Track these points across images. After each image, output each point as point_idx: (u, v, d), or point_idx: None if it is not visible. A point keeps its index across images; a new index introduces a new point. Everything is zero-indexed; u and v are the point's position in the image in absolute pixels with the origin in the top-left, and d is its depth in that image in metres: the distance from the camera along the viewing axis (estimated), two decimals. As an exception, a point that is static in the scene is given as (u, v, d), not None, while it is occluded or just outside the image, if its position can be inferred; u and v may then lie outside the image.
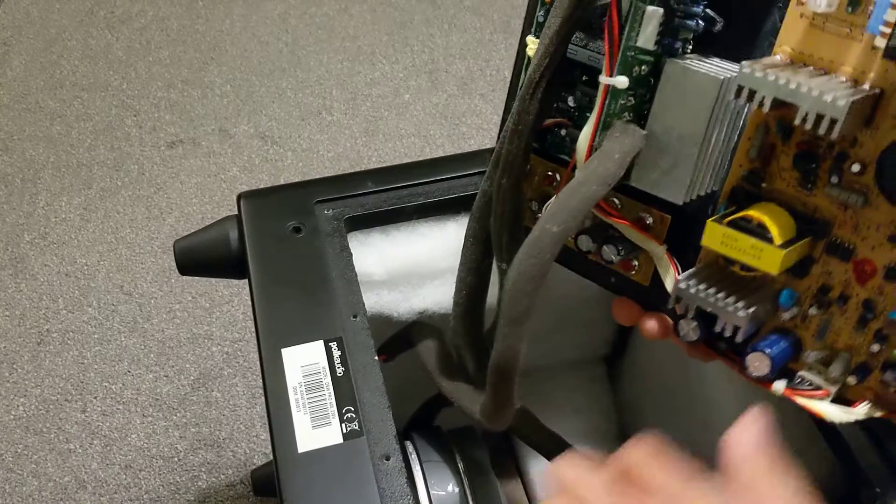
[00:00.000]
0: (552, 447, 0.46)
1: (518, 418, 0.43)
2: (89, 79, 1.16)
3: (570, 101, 0.37)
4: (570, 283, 0.44)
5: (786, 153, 0.32)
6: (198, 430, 0.80)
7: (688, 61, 0.32)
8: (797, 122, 0.28)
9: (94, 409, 0.81)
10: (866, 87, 0.29)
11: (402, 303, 0.49)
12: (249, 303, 0.46)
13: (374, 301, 0.49)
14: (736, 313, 0.31)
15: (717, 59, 0.33)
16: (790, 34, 0.30)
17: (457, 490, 0.43)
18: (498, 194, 0.36)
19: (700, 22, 0.32)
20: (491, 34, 1.25)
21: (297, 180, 0.74)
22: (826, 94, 0.27)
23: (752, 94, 0.28)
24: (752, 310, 0.31)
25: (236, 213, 0.50)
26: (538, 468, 0.55)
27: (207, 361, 0.85)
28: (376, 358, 0.43)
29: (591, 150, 0.33)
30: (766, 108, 0.28)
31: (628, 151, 0.32)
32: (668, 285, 0.36)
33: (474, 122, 1.12)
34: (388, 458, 0.39)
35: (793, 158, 0.31)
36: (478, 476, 0.44)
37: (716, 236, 0.32)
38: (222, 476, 0.77)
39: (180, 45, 1.22)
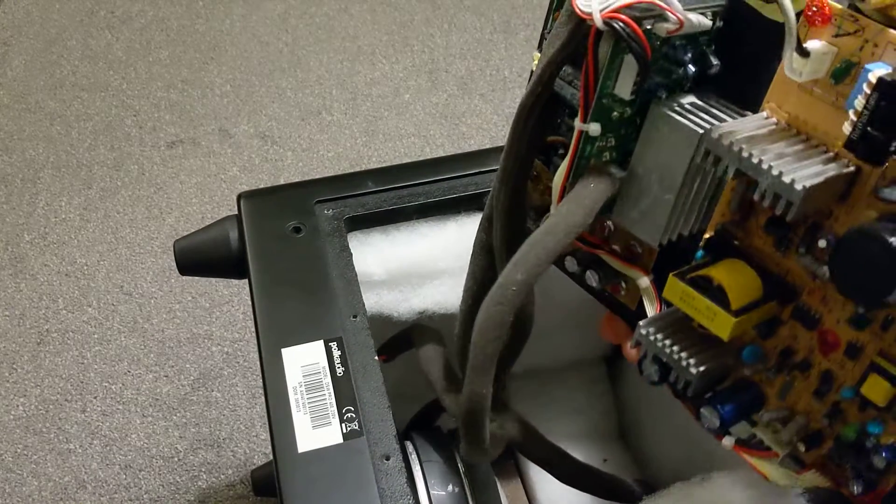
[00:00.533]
0: (552, 458, 0.46)
1: (517, 432, 0.43)
2: (89, 79, 1.16)
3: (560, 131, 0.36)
4: (571, 284, 0.44)
5: (764, 213, 0.31)
6: (198, 430, 0.80)
7: (675, 106, 0.31)
8: (756, 197, 0.27)
9: (94, 409, 0.81)
10: (846, 160, 0.27)
11: (402, 303, 0.49)
12: (249, 303, 0.46)
13: (374, 301, 0.49)
14: (688, 369, 0.32)
15: (715, 100, 0.32)
16: (779, 92, 0.29)
17: (457, 490, 0.43)
18: (497, 208, 0.37)
19: (692, 67, 0.31)
20: (491, 34, 1.25)
21: (297, 180, 0.74)
22: (786, 175, 0.26)
23: (717, 159, 0.28)
24: (703, 368, 0.31)
25: (236, 212, 0.50)
26: (538, 468, 0.55)
27: (207, 361, 0.85)
28: (376, 358, 0.43)
29: (564, 191, 0.33)
30: (729, 176, 0.28)
31: (598, 199, 0.32)
32: (650, 315, 0.36)
33: (474, 121, 1.12)
34: (388, 458, 0.39)
35: (765, 222, 0.31)
36: (478, 476, 0.44)
37: (676, 291, 0.31)
38: (222, 476, 0.77)
39: (180, 45, 1.22)
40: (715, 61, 0.31)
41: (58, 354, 0.85)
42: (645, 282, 0.36)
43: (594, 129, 0.31)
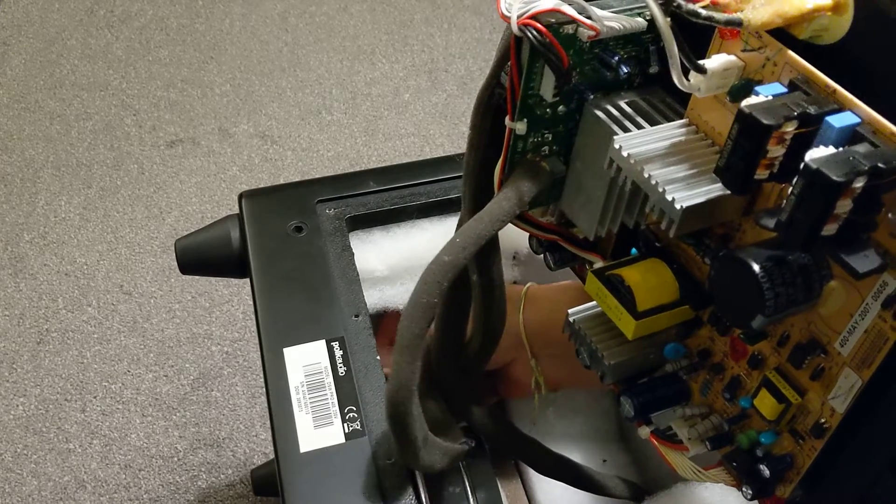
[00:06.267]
0: (528, 451, 0.46)
1: (490, 427, 0.43)
2: (89, 78, 1.16)
3: None
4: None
5: None
6: (198, 430, 0.80)
7: (608, 106, 0.31)
8: (647, 210, 0.27)
9: (94, 408, 0.81)
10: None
11: (405, 297, 0.49)
12: (249, 302, 0.46)
13: (378, 297, 0.49)
14: (602, 360, 0.33)
15: (659, 99, 0.31)
16: (700, 101, 0.28)
17: (457, 490, 0.43)
18: (463, 202, 0.37)
19: (624, 69, 0.30)
20: (490, 33, 1.25)
21: (296, 179, 0.74)
22: (669, 193, 0.26)
23: (619, 169, 0.28)
24: (615, 361, 0.33)
25: (237, 212, 0.50)
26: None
27: (207, 361, 0.85)
28: (378, 357, 0.43)
29: (501, 183, 0.33)
30: (627, 188, 0.28)
31: (527, 191, 0.32)
32: None
33: (474, 121, 1.12)
34: (389, 459, 0.39)
35: None
36: (478, 476, 0.44)
37: (593, 287, 0.32)
38: (222, 476, 0.77)
39: (180, 45, 1.22)
40: (654, 62, 0.31)
41: (58, 354, 0.85)
42: (599, 265, 0.36)
43: (520, 127, 0.31)
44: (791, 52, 0.25)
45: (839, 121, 0.23)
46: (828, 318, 0.26)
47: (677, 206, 0.26)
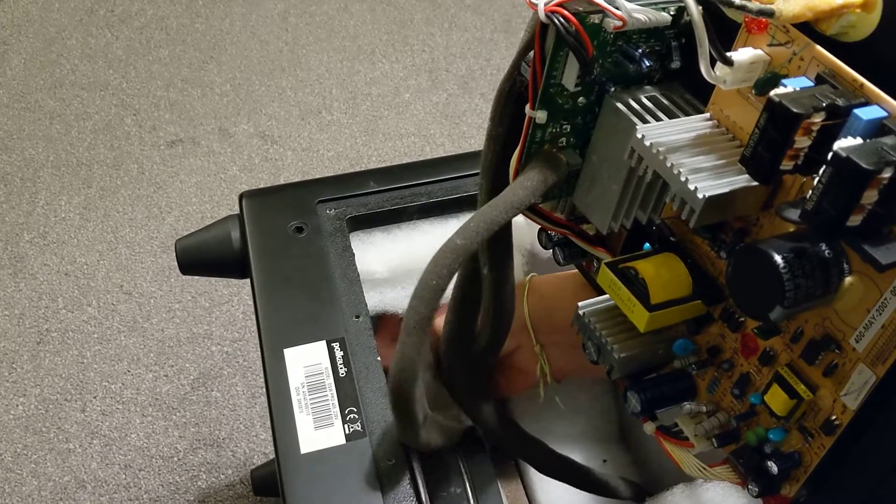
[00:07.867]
0: (533, 451, 0.46)
1: (495, 425, 0.43)
2: (89, 78, 1.16)
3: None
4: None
5: None
6: (197, 430, 0.80)
7: (629, 99, 0.31)
8: (667, 200, 0.27)
9: (94, 408, 0.81)
10: None
11: (405, 300, 0.49)
12: (249, 302, 0.46)
13: (378, 300, 0.49)
14: (612, 354, 0.33)
15: (679, 95, 0.32)
16: (722, 95, 0.29)
17: (458, 490, 0.43)
18: (480, 197, 0.37)
19: (646, 62, 0.30)
20: (492, 33, 1.25)
21: (296, 180, 0.74)
22: (692, 182, 0.26)
23: (640, 159, 0.28)
24: (625, 354, 0.32)
25: (237, 212, 0.50)
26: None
27: (207, 361, 0.85)
28: (379, 358, 0.43)
29: (517, 173, 0.33)
30: (648, 178, 0.28)
31: (543, 182, 0.32)
32: None
33: (475, 121, 1.12)
34: (390, 460, 0.39)
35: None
36: (479, 476, 0.44)
37: (606, 279, 0.32)
38: (222, 476, 0.77)
39: (180, 45, 1.22)
40: (676, 57, 0.31)
41: (57, 354, 0.85)
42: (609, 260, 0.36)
43: (540, 116, 0.31)
44: (819, 47, 0.25)
45: (867, 114, 0.23)
46: (844, 314, 0.26)
47: (700, 196, 0.26)
